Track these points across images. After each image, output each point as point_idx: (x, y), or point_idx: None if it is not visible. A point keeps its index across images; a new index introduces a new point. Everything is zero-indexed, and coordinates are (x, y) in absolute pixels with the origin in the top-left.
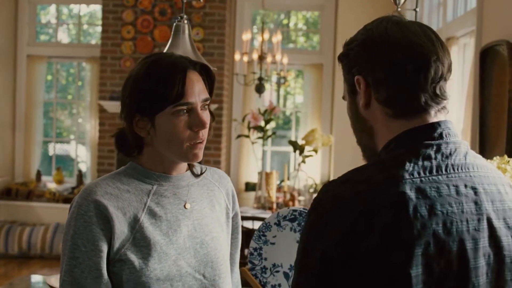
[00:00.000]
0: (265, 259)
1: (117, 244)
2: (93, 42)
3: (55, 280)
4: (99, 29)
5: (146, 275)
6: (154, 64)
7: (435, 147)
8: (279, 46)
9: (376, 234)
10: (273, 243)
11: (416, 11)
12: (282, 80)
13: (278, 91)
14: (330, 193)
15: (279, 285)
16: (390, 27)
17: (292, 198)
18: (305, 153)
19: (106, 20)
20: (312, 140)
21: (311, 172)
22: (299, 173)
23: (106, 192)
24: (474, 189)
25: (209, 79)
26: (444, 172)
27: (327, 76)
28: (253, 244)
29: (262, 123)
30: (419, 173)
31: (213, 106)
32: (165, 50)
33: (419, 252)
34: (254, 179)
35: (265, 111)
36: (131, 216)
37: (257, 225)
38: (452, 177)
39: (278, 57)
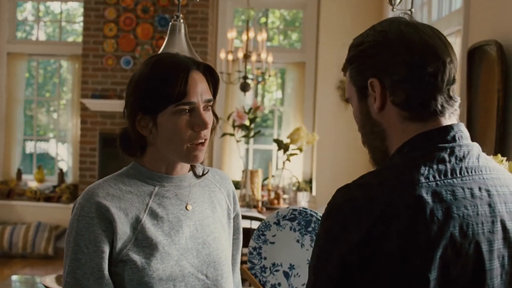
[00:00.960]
0: (265, 258)
1: (119, 244)
2: (70, 39)
3: (50, 280)
4: (77, 26)
5: (149, 275)
6: (158, 63)
7: (448, 150)
8: (264, 45)
9: (393, 238)
10: (273, 243)
11: (411, 12)
12: (265, 78)
13: (263, 88)
14: (346, 197)
15: (279, 284)
16: (405, 28)
17: (277, 197)
18: (290, 151)
19: (88, 18)
20: (297, 138)
21: (293, 170)
22: (283, 171)
23: (108, 193)
24: (488, 191)
25: (213, 80)
26: (458, 175)
27: (309, 74)
28: (252, 243)
29: (247, 122)
30: (434, 177)
31: None
32: (161, 50)
33: (437, 255)
34: (237, 177)
35: (250, 109)
36: (133, 217)
37: (254, 224)
38: (466, 180)
39: (263, 55)
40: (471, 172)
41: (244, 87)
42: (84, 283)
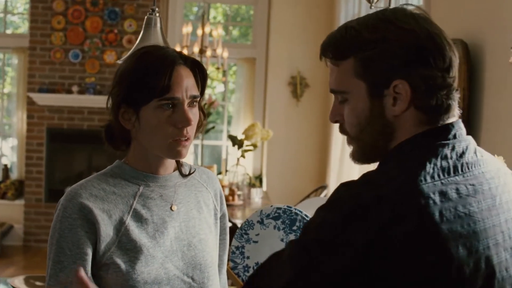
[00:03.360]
0: (248, 257)
1: (102, 247)
2: (16, 31)
3: (18, 282)
4: (16, 18)
5: (133, 279)
6: (144, 56)
7: (450, 146)
8: (220, 40)
9: (402, 240)
10: (256, 241)
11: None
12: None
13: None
14: (351, 192)
15: None
16: (431, 28)
17: (232, 193)
18: (244, 147)
19: (35, 10)
20: (252, 134)
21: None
22: (237, 168)
23: (91, 194)
24: (488, 185)
25: (201, 76)
26: (460, 172)
27: (260, 70)
28: (235, 242)
29: None
30: (439, 175)
31: None
32: (136, 44)
33: (450, 254)
34: None
35: (204, 104)
36: (117, 219)
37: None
38: (467, 176)
39: (219, 50)
40: (471, 168)
41: None
42: (66, 286)
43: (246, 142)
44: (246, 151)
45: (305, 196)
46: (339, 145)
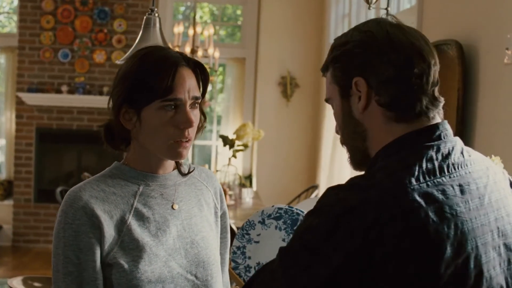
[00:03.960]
0: (249, 258)
1: (106, 248)
2: (5, 30)
3: (16, 283)
4: (1, 17)
5: (137, 278)
6: (147, 56)
7: (435, 148)
8: (211, 40)
9: (389, 243)
10: (257, 242)
11: (387, 10)
12: (213, 73)
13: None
14: (338, 197)
15: None
16: (391, 29)
17: (224, 193)
18: (235, 147)
19: (24, 9)
20: (244, 134)
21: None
22: (229, 168)
23: (92, 195)
24: (476, 184)
25: (203, 77)
26: (446, 173)
27: (250, 70)
28: (236, 243)
29: None
30: (424, 177)
31: None
32: (134, 44)
33: (438, 256)
34: None
35: None
36: (118, 218)
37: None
38: (454, 176)
39: (210, 50)
40: (458, 168)
41: None
42: None
43: (237, 142)
44: (237, 151)
45: (296, 196)
46: (330, 145)
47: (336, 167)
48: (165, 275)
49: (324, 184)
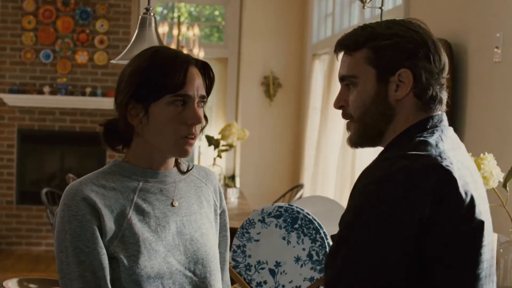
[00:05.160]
0: (249, 256)
1: (106, 241)
2: None
3: (12, 284)
4: None
5: (137, 273)
6: (157, 54)
7: (450, 130)
8: (196, 40)
9: (450, 202)
10: (257, 240)
11: (381, 9)
12: None
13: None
14: (395, 167)
15: (265, 282)
16: (431, 35)
17: None
18: (220, 147)
19: (5, 9)
20: (229, 134)
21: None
22: (214, 168)
23: (92, 190)
24: (468, 163)
25: (209, 79)
26: (456, 149)
27: (232, 70)
28: (236, 241)
29: None
30: (448, 151)
31: None
32: (130, 44)
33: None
34: None
35: None
36: (119, 213)
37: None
38: (458, 153)
39: (195, 50)
40: (459, 148)
41: None
42: (96, 282)
43: (222, 142)
44: (222, 151)
45: (281, 196)
46: (314, 145)
47: (321, 166)
48: (164, 271)
49: (308, 183)
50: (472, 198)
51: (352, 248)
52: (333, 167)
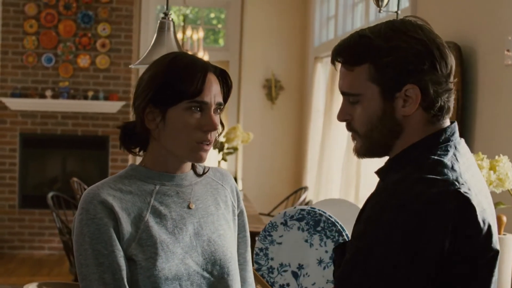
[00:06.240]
0: (272, 259)
1: (123, 244)
2: None
3: None
4: None
5: (155, 275)
6: (176, 60)
7: (462, 143)
8: (200, 43)
9: (470, 226)
10: (280, 243)
11: (397, 14)
12: None
13: None
14: (415, 192)
15: (287, 284)
16: (437, 39)
17: None
18: (225, 150)
19: (7, 13)
20: (233, 137)
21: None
22: None
23: (109, 194)
24: (479, 177)
25: (226, 86)
26: (467, 165)
27: (233, 73)
28: (258, 244)
29: None
30: (464, 172)
31: (121, 103)
32: (149, 48)
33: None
34: None
35: None
36: (136, 216)
37: None
38: (472, 172)
39: (200, 54)
40: (471, 160)
41: None
42: (115, 284)
43: (226, 145)
44: (227, 154)
45: (285, 198)
46: (317, 147)
47: (324, 169)
48: (182, 272)
49: (312, 186)
50: (489, 227)
51: (368, 277)
52: (337, 169)
